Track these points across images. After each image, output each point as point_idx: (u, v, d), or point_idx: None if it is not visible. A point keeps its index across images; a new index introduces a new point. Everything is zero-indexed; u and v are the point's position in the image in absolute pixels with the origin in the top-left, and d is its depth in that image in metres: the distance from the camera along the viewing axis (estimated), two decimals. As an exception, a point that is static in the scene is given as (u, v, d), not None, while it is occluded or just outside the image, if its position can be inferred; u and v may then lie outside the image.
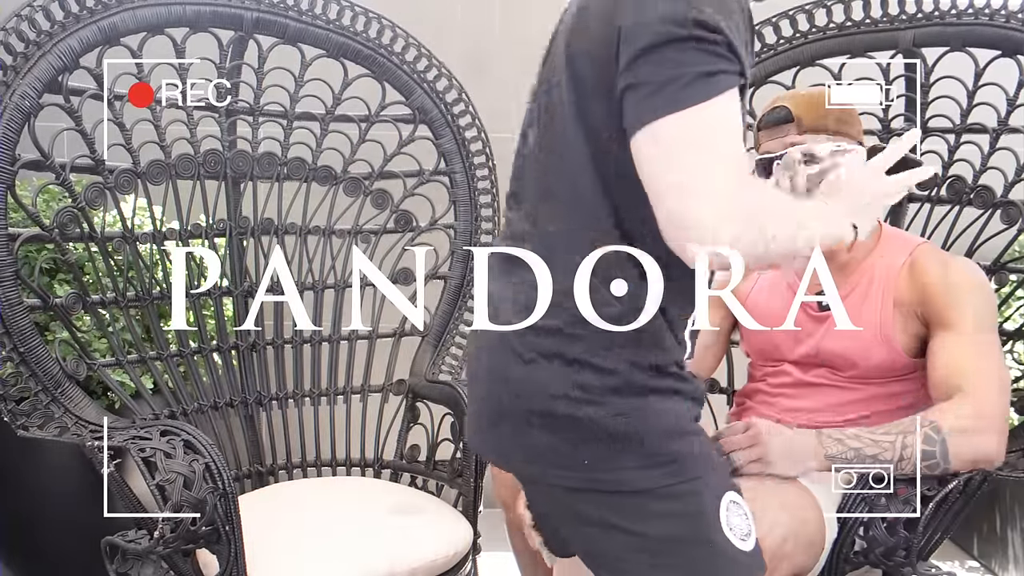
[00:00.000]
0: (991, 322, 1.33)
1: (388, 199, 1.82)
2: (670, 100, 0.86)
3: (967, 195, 1.57)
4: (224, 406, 1.70)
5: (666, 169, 0.87)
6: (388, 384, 1.83)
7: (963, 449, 1.21)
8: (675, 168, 0.86)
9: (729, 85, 0.86)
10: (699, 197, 0.85)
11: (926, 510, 1.18)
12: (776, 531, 1.14)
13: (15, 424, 1.34)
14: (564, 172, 0.98)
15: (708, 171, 0.85)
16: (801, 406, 1.42)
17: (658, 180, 0.88)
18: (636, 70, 0.87)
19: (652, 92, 0.86)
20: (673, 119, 0.86)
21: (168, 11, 1.56)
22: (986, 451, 1.23)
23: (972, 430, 1.22)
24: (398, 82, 1.78)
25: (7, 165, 1.38)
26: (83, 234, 1.51)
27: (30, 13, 1.41)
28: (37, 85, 1.41)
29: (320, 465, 1.79)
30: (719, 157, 0.86)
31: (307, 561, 1.35)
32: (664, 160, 0.87)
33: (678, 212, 0.87)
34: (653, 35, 0.86)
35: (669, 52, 0.86)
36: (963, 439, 1.21)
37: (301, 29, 1.70)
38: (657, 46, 0.86)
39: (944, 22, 1.57)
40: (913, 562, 1.20)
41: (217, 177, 1.70)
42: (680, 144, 0.86)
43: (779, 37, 1.74)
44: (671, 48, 0.86)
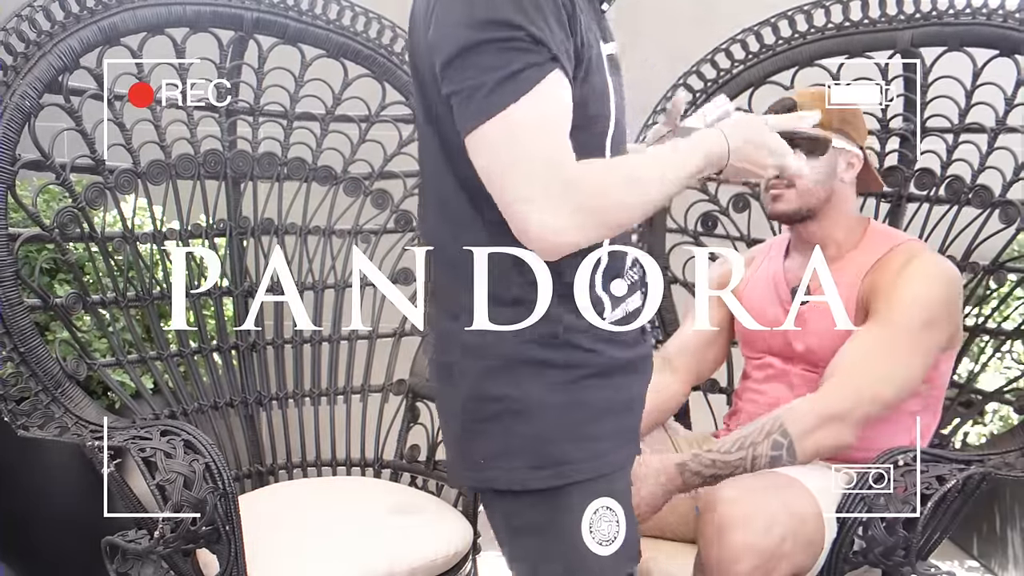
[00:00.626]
0: (924, 318, 1.33)
1: (388, 199, 1.82)
2: (478, 110, 0.86)
3: (965, 195, 1.57)
4: (224, 406, 1.70)
5: (490, 177, 0.88)
6: (388, 384, 1.83)
7: (808, 447, 1.28)
8: (496, 176, 0.87)
9: (538, 77, 0.85)
10: (523, 203, 0.86)
11: (925, 510, 1.18)
12: (774, 530, 1.14)
13: (15, 424, 1.34)
14: (430, 176, 1.00)
15: (523, 176, 0.86)
16: (786, 397, 1.43)
17: (492, 190, 0.89)
18: (448, 79, 0.88)
19: (464, 101, 0.87)
20: (486, 128, 0.86)
21: (168, 11, 1.55)
22: (830, 445, 1.29)
23: (814, 428, 1.28)
24: (398, 82, 1.78)
25: (7, 165, 1.38)
26: (83, 234, 1.51)
27: (30, 13, 1.41)
28: (37, 85, 1.41)
29: (320, 465, 1.79)
30: (532, 159, 0.86)
31: (307, 561, 1.35)
32: (489, 169, 0.88)
33: (518, 221, 0.87)
34: (453, 43, 0.87)
35: (470, 58, 0.86)
36: (807, 439, 1.27)
37: (301, 29, 1.70)
38: (458, 54, 0.86)
39: (942, 22, 1.57)
40: (912, 562, 1.20)
41: (217, 177, 1.70)
42: (498, 151, 0.87)
43: (777, 38, 1.74)
44: (471, 54, 0.86)
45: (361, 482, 1.74)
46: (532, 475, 0.96)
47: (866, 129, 1.51)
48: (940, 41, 1.58)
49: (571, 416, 0.96)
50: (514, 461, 0.96)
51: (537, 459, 0.96)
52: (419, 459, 1.76)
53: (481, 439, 0.98)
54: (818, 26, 1.71)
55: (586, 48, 0.92)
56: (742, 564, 1.13)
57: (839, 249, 1.45)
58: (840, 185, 1.45)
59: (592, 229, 0.89)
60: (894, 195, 1.67)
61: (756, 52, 1.77)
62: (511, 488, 0.97)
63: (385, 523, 1.49)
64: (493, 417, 0.96)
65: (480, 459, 0.98)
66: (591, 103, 0.93)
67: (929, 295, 1.35)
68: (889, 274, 1.37)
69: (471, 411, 0.98)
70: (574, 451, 0.96)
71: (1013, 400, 1.50)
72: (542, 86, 0.86)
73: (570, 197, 0.86)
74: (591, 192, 0.88)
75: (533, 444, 0.96)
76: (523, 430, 0.96)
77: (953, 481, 1.21)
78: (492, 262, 0.94)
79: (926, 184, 1.64)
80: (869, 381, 1.31)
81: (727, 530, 1.14)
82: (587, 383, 0.96)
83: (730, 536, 1.13)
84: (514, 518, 1.00)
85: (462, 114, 0.88)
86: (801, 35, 1.72)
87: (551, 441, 0.96)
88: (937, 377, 1.42)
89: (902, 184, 1.66)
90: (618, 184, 0.91)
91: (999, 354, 1.62)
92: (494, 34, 0.85)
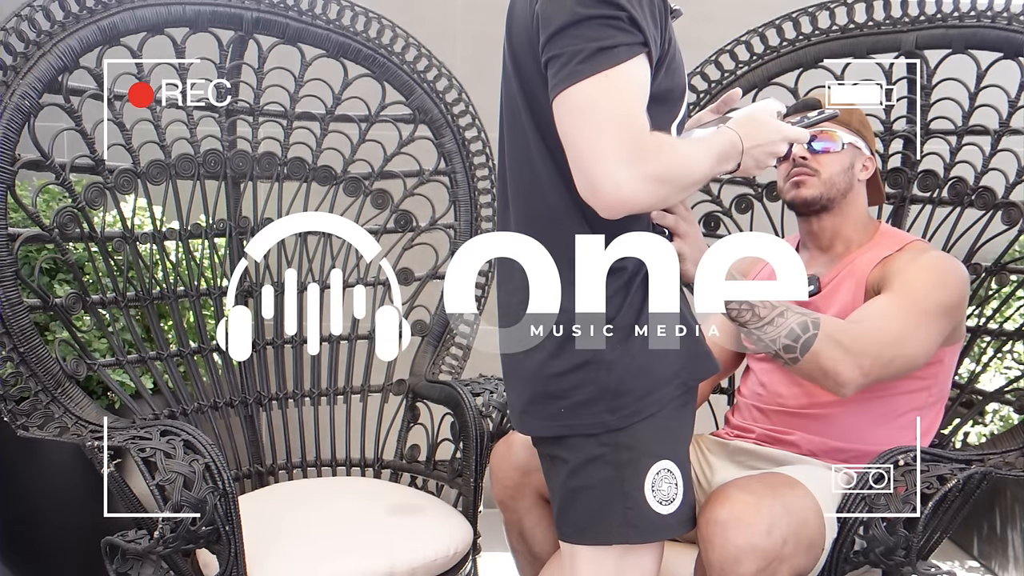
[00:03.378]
0: (936, 298, 1.32)
1: (388, 199, 1.82)
2: (573, 72, 0.96)
3: (968, 196, 1.57)
4: (224, 406, 1.70)
5: (573, 136, 0.97)
6: (388, 384, 1.83)
7: (823, 353, 1.23)
8: (580, 135, 0.96)
9: (629, 56, 0.96)
10: (602, 163, 0.95)
11: (925, 509, 1.18)
12: (775, 532, 1.13)
13: (15, 424, 1.34)
14: (524, 160, 1.09)
15: (608, 137, 0.94)
16: (788, 390, 1.43)
17: (569, 147, 0.98)
18: (551, 47, 0.98)
19: (561, 65, 0.97)
20: (575, 89, 0.96)
21: (168, 11, 1.55)
22: (837, 371, 1.24)
23: (841, 346, 1.24)
24: (398, 82, 1.78)
25: (7, 165, 1.38)
26: (83, 234, 1.51)
27: (30, 13, 1.41)
28: (37, 85, 1.41)
29: (320, 465, 1.79)
30: (618, 123, 0.95)
31: (307, 561, 1.35)
32: (572, 127, 0.97)
33: (586, 176, 0.97)
34: (562, 16, 0.96)
35: (575, 29, 0.96)
36: (829, 346, 1.23)
37: (301, 29, 1.70)
38: (566, 26, 0.96)
39: (946, 24, 1.57)
40: (913, 561, 1.19)
41: (217, 177, 1.70)
42: (583, 112, 0.96)
43: (782, 39, 1.74)
44: (577, 26, 0.96)
45: (361, 482, 1.74)
46: (612, 417, 1.06)
47: (873, 137, 1.52)
48: (944, 43, 1.58)
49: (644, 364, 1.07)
50: (594, 406, 1.06)
51: (616, 401, 1.06)
52: (419, 459, 1.76)
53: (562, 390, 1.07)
54: (822, 28, 1.71)
55: (672, 46, 1.05)
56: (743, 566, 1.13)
57: (848, 246, 1.45)
58: (856, 183, 1.46)
59: (656, 194, 0.98)
60: (897, 197, 1.67)
61: (760, 54, 1.76)
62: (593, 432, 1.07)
63: (385, 523, 1.49)
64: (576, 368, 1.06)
65: (561, 408, 1.07)
66: (673, 91, 1.06)
67: (944, 281, 1.35)
68: (901, 263, 1.37)
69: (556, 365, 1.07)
70: (647, 388, 1.07)
71: (1013, 400, 1.49)
72: (631, 64, 0.96)
73: (642, 162, 0.95)
74: (661, 162, 0.97)
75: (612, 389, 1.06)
76: (602, 378, 1.05)
77: (953, 481, 1.21)
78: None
79: (929, 186, 1.64)
80: (879, 338, 1.28)
81: (728, 531, 1.13)
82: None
83: (731, 537, 1.13)
84: (579, 472, 1.08)
85: (555, 77, 0.97)
86: (805, 37, 1.72)
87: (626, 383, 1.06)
88: (940, 372, 1.41)
89: (905, 186, 1.66)
90: (681, 159, 1.01)
91: (1000, 355, 1.62)
92: (600, 11, 0.95)
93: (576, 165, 0.97)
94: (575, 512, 1.10)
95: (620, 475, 1.07)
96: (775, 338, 1.23)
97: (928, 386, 1.40)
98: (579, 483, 1.08)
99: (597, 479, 1.07)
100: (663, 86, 1.03)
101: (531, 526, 1.47)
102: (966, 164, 1.59)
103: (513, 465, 1.46)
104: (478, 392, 1.66)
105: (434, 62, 1.80)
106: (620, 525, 1.07)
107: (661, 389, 1.08)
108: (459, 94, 1.82)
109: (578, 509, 1.09)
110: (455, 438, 1.67)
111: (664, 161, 0.97)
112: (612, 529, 1.07)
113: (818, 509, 1.21)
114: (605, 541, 1.09)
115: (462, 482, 1.63)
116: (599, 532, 1.08)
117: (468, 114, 1.82)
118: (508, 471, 1.46)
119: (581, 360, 1.06)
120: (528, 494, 1.46)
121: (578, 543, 1.11)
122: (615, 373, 1.06)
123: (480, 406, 1.62)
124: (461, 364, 1.83)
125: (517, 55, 1.06)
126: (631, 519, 1.07)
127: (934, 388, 1.41)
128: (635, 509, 1.07)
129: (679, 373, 1.09)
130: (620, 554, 1.09)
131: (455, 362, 1.83)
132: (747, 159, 1.11)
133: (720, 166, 1.08)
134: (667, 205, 1.09)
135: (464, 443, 1.63)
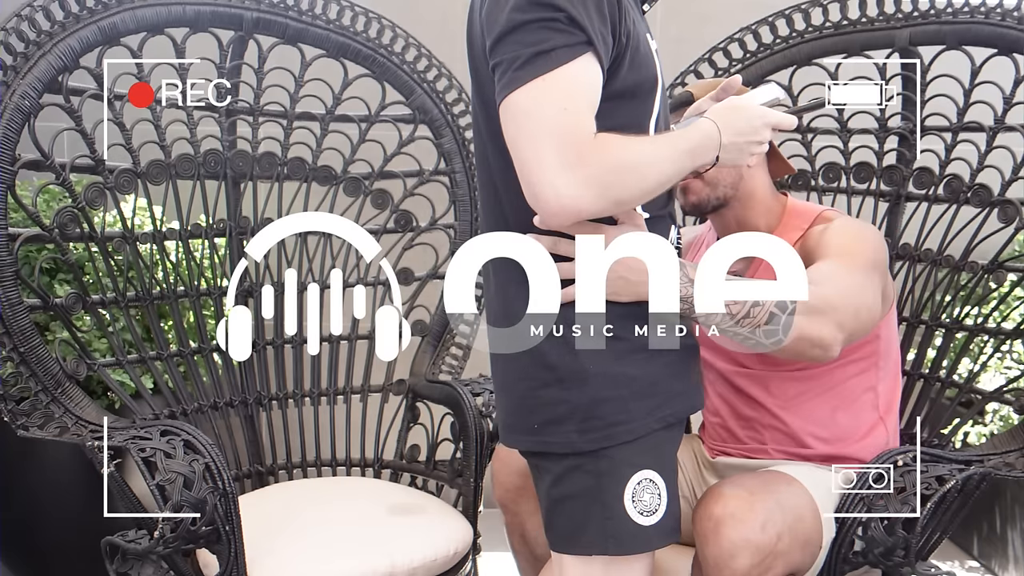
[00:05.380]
0: (867, 256, 1.30)
1: (388, 199, 1.82)
2: (512, 79, 0.94)
3: (964, 194, 1.57)
4: (224, 406, 1.70)
5: (515, 143, 0.95)
6: (388, 384, 1.83)
7: (804, 328, 1.17)
8: (520, 142, 0.94)
9: (570, 57, 0.93)
10: (541, 169, 0.93)
11: (925, 510, 1.18)
12: (770, 528, 1.13)
13: (15, 424, 1.34)
14: (482, 161, 1.08)
15: (546, 142, 0.92)
16: (742, 385, 1.42)
17: (513, 154, 0.96)
18: (494, 54, 0.97)
19: (502, 72, 0.96)
20: (514, 96, 0.94)
21: (168, 11, 1.56)
22: (821, 335, 1.19)
23: (816, 311, 1.18)
24: (398, 82, 1.78)
25: (7, 165, 1.38)
26: (83, 234, 1.51)
27: (30, 13, 1.41)
28: (37, 85, 1.41)
29: (320, 465, 1.79)
30: (556, 128, 0.92)
31: (307, 561, 1.35)
32: (513, 135, 0.95)
33: (527, 184, 0.95)
34: (502, 23, 0.95)
35: (514, 35, 0.95)
36: (808, 317, 1.17)
37: (301, 29, 1.70)
38: (506, 32, 0.95)
39: (940, 20, 1.57)
40: (912, 562, 1.19)
41: (217, 177, 1.71)
42: (521, 119, 0.94)
43: (775, 36, 1.74)
44: (516, 32, 0.94)
45: (361, 482, 1.74)
46: (581, 438, 1.03)
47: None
48: (938, 40, 1.58)
49: (619, 385, 1.03)
50: (565, 425, 1.03)
51: (585, 423, 1.03)
52: (419, 459, 1.76)
53: (536, 405, 1.05)
54: (816, 25, 1.71)
55: (632, 39, 1.00)
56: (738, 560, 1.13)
57: (762, 230, 1.39)
58: (747, 170, 1.39)
59: (601, 200, 0.94)
60: (893, 194, 1.67)
61: (754, 51, 1.77)
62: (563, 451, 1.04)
63: (385, 523, 1.49)
64: (550, 384, 1.03)
65: (534, 424, 1.05)
66: (642, 84, 1.02)
67: (863, 236, 1.32)
68: (819, 236, 1.33)
69: (531, 378, 1.05)
70: (620, 416, 1.03)
71: (1013, 400, 1.49)
72: (572, 65, 0.93)
73: (584, 167, 0.92)
74: (605, 165, 0.94)
75: (583, 409, 1.03)
76: (574, 397, 1.03)
77: (953, 481, 1.21)
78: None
79: (925, 183, 1.64)
80: (842, 293, 1.24)
81: (723, 527, 1.13)
82: (634, 357, 1.05)
83: (726, 533, 1.13)
84: (562, 481, 1.06)
85: (498, 84, 0.96)
86: (799, 34, 1.72)
87: (599, 406, 1.03)
88: (880, 347, 1.39)
89: (901, 183, 1.66)
90: (632, 161, 0.96)
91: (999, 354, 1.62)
92: (536, 15, 0.93)
93: (519, 172, 0.95)
94: (559, 521, 1.08)
95: (599, 484, 1.04)
96: (754, 329, 1.15)
97: (875, 362, 1.38)
98: (561, 492, 1.06)
99: (577, 488, 1.05)
100: (628, 80, 1.00)
101: (533, 529, 1.47)
102: (962, 161, 1.59)
103: (514, 469, 1.45)
104: (478, 392, 1.66)
105: (434, 62, 1.80)
106: (599, 536, 1.05)
107: (638, 420, 1.04)
108: (459, 94, 1.82)
109: (561, 518, 1.07)
110: (455, 438, 1.67)
111: (608, 164, 0.93)
112: (592, 540, 1.05)
113: (814, 507, 1.21)
114: (586, 551, 1.06)
115: (462, 482, 1.63)
116: (581, 543, 1.06)
117: (468, 114, 1.83)
118: (509, 474, 1.46)
119: (553, 377, 1.03)
120: (530, 497, 1.46)
121: (563, 553, 1.09)
122: (587, 392, 1.03)
123: (480, 406, 1.62)
124: (461, 364, 1.83)
125: (475, 62, 1.05)
126: (610, 530, 1.04)
127: (880, 362, 1.39)
128: (614, 520, 1.04)
129: (661, 407, 1.06)
130: (604, 565, 1.07)
131: (455, 362, 1.83)
132: (727, 151, 1.05)
133: (693, 161, 1.03)
134: (624, 208, 1.02)
135: (464, 443, 1.63)
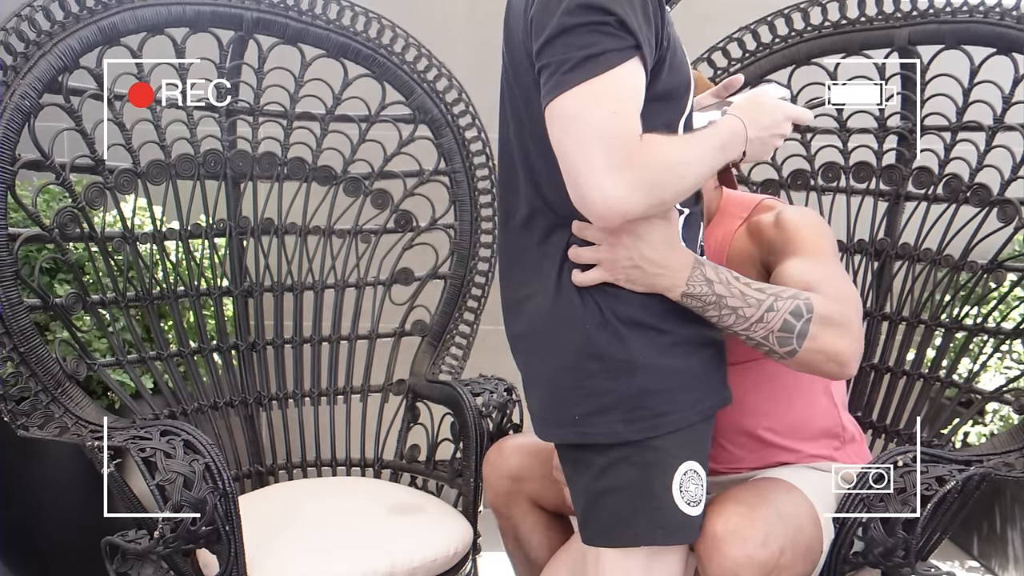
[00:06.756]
0: (830, 248, 1.26)
1: (388, 199, 1.82)
2: (560, 82, 0.95)
3: (963, 193, 1.57)
4: (224, 406, 1.70)
5: (561, 146, 0.96)
6: (388, 384, 1.83)
7: (821, 338, 1.12)
8: (567, 145, 0.95)
9: (619, 61, 0.95)
10: (589, 172, 0.94)
11: (925, 510, 1.18)
12: (772, 543, 1.11)
13: (15, 424, 1.34)
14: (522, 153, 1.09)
15: (594, 146, 0.93)
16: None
17: (559, 157, 0.97)
18: (541, 56, 0.98)
19: (549, 75, 0.96)
20: (561, 99, 0.95)
21: (168, 11, 1.56)
22: (840, 350, 1.13)
23: (835, 323, 1.13)
24: (398, 82, 1.78)
25: (7, 165, 1.38)
26: (83, 234, 1.51)
27: (30, 13, 1.41)
28: (37, 85, 1.41)
29: (320, 465, 1.79)
30: (604, 131, 0.93)
31: (307, 561, 1.35)
32: (560, 138, 0.96)
33: (575, 186, 0.96)
34: (552, 25, 0.96)
35: (564, 38, 0.95)
36: (824, 328, 1.12)
37: (301, 29, 1.70)
38: (556, 35, 0.96)
39: (939, 20, 1.57)
40: (912, 562, 1.19)
41: (217, 177, 1.71)
42: (569, 122, 0.95)
43: (774, 36, 1.75)
44: (566, 35, 0.95)
45: (361, 482, 1.74)
46: (627, 428, 1.05)
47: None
48: (937, 39, 1.58)
49: (667, 377, 1.06)
50: (610, 415, 1.05)
51: (632, 412, 1.05)
52: (419, 459, 1.76)
53: (580, 395, 1.06)
54: (815, 24, 1.71)
55: (672, 42, 1.03)
56: None
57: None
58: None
59: (647, 200, 0.96)
60: (892, 194, 1.67)
61: (753, 51, 1.77)
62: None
63: (385, 523, 1.49)
64: (595, 374, 1.05)
65: (575, 415, 1.06)
66: (677, 88, 1.05)
67: (819, 228, 1.28)
68: (768, 226, 1.29)
69: (576, 368, 1.05)
70: (667, 407, 1.05)
71: (1013, 400, 1.49)
72: (621, 69, 0.95)
73: (632, 169, 0.94)
74: (652, 167, 0.95)
75: (630, 399, 1.05)
76: (621, 387, 1.04)
77: (953, 482, 1.20)
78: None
79: (924, 182, 1.64)
80: (845, 298, 1.19)
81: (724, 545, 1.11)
82: (678, 350, 1.07)
83: (728, 552, 1.10)
84: (605, 474, 1.07)
85: (545, 87, 0.97)
86: (798, 33, 1.73)
87: (648, 397, 1.05)
88: None
89: (900, 183, 1.66)
90: (674, 161, 0.99)
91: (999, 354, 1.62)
92: (587, 18, 0.94)
93: (566, 175, 0.97)
94: (601, 515, 1.09)
95: (647, 476, 1.06)
96: (767, 334, 1.11)
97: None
98: (604, 485, 1.07)
99: (624, 481, 1.06)
100: (667, 84, 1.03)
101: (526, 532, 1.47)
102: (961, 161, 1.59)
103: (504, 473, 1.46)
104: (478, 392, 1.66)
105: (434, 62, 1.80)
106: (647, 527, 1.06)
107: (682, 412, 1.07)
108: (459, 94, 1.82)
109: (603, 511, 1.08)
110: (455, 438, 1.67)
111: (654, 166, 0.96)
112: (639, 531, 1.07)
113: (814, 514, 1.20)
114: (632, 543, 1.08)
115: (462, 482, 1.63)
116: (626, 534, 1.07)
117: (468, 114, 1.83)
118: (499, 479, 1.46)
119: (599, 367, 1.05)
120: (521, 501, 1.46)
121: (604, 546, 1.10)
122: (635, 382, 1.05)
123: (480, 406, 1.62)
124: (461, 364, 1.83)
125: (514, 58, 1.06)
126: (658, 520, 1.06)
127: None
128: (662, 510, 1.06)
129: (702, 400, 1.09)
130: (647, 556, 1.08)
131: (455, 362, 1.83)
132: (753, 145, 1.09)
133: (724, 156, 1.06)
134: (665, 208, 1.05)
135: (464, 443, 1.63)
